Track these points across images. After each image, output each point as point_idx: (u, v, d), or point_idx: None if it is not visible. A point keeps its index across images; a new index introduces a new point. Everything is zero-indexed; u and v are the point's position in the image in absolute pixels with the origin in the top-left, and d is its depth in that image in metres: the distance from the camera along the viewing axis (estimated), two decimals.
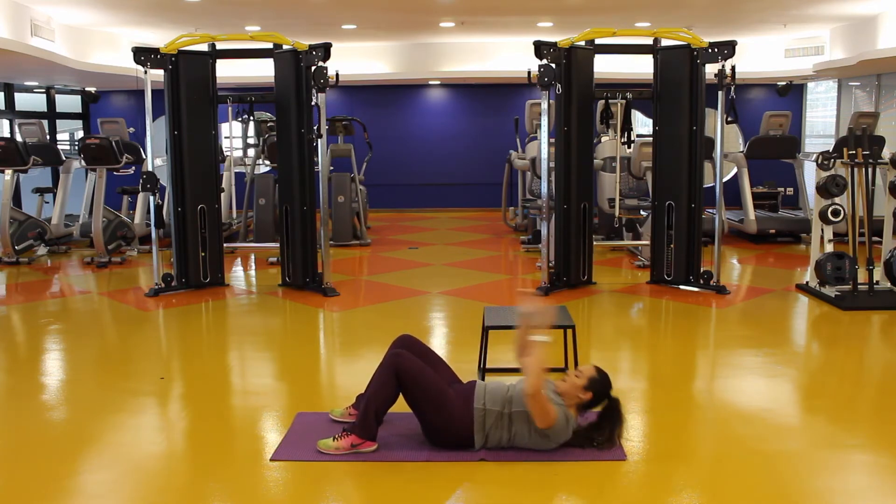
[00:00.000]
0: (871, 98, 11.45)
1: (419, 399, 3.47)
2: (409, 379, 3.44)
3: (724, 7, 9.17)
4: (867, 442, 3.74)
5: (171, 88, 7.02)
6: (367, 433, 3.49)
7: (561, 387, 3.57)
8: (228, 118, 8.71)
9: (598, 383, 3.54)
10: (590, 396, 3.52)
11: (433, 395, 3.45)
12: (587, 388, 3.51)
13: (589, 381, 3.53)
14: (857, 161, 6.64)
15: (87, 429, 3.95)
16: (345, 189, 10.02)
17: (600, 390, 3.54)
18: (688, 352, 5.46)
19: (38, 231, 9.32)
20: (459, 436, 3.48)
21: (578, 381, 3.53)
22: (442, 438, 3.51)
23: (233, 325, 6.26)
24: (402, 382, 3.45)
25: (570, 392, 3.53)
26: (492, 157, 13.38)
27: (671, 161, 7.02)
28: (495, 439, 3.49)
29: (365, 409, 3.50)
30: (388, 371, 3.47)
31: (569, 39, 6.79)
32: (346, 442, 3.47)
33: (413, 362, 3.47)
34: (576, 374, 3.57)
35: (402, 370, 3.44)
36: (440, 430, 3.49)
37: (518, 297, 3.32)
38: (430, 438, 3.54)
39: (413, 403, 3.50)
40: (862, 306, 6.30)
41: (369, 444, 3.49)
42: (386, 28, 11.00)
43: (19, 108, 12.17)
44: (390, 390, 3.47)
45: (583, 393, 3.51)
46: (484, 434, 3.47)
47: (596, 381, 3.54)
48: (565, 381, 3.57)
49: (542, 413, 3.38)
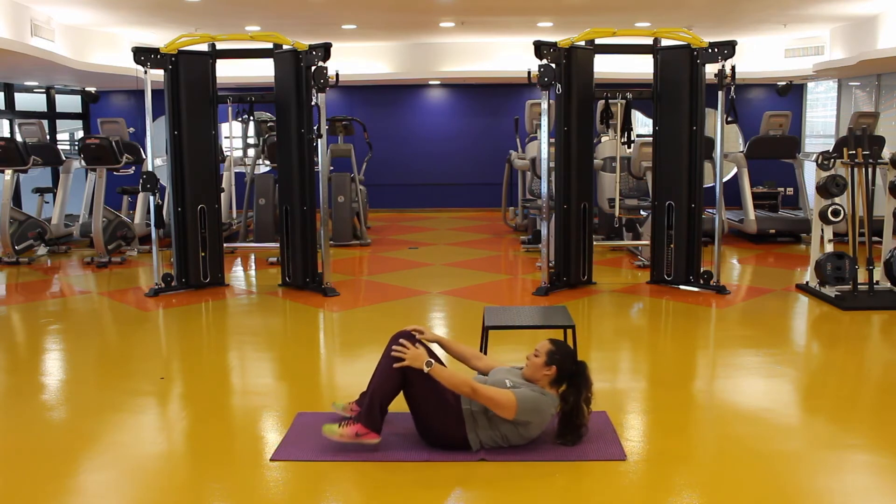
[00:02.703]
0: (871, 98, 11.45)
1: (418, 395, 3.46)
2: (415, 371, 3.42)
3: (724, 7, 9.17)
4: (867, 442, 3.74)
5: (171, 88, 7.02)
6: (373, 424, 3.47)
7: (526, 372, 3.58)
8: (228, 118, 8.71)
9: (556, 355, 3.55)
10: (555, 370, 3.52)
11: (433, 393, 3.43)
12: (548, 363, 3.52)
13: (547, 355, 3.53)
14: (857, 161, 6.64)
15: (87, 429, 3.95)
16: (345, 189, 10.02)
17: (562, 360, 3.54)
18: (688, 352, 5.46)
19: (38, 231, 9.32)
20: (454, 437, 3.47)
21: (538, 360, 3.54)
22: (438, 439, 3.50)
23: (233, 325, 6.26)
24: (407, 374, 3.43)
25: (535, 373, 3.54)
26: (492, 157, 13.37)
27: (671, 161, 7.02)
28: (488, 439, 3.48)
29: (370, 400, 3.49)
30: (393, 361, 3.46)
31: (569, 39, 6.79)
32: (351, 430, 3.46)
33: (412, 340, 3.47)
34: (534, 354, 3.57)
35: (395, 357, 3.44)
36: (435, 430, 3.49)
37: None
38: (427, 439, 3.54)
39: (411, 398, 3.49)
40: (862, 306, 6.30)
41: (373, 435, 3.47)
42: (386, 28, 11.00)
43: (19, 108, 12.17)
44: (395, 381, 3.44)
45: (546, 369, 3.52)
46: (476, 434, 3.47)
47: (554, 353, 3.54)
48: (528, 365, 3.59)
49: (494, 404, 3.38)
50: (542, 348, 3.56)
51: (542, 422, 3.50)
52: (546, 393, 3.52)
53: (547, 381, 3.54)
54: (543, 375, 3.53)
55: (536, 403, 3.45)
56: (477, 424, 3.46)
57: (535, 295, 6.91)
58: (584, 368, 3.57)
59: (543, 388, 3.53)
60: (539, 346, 3.59)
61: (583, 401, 3.53)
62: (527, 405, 3.42)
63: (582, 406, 3.52)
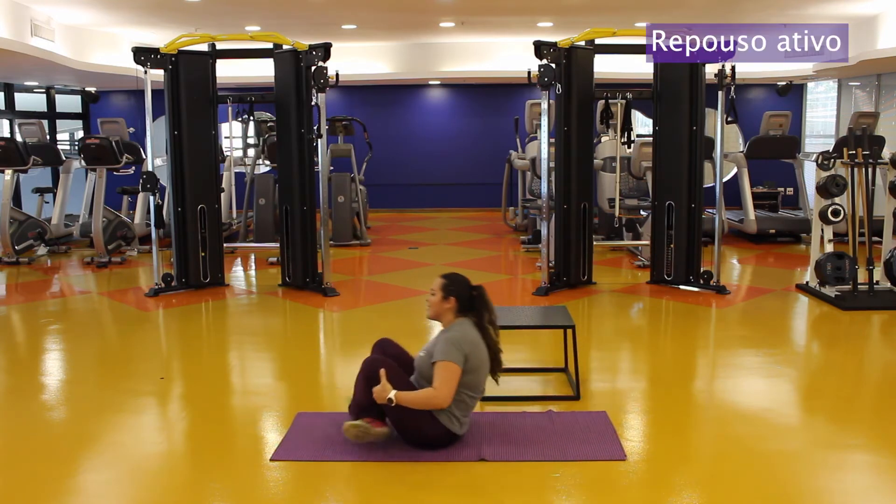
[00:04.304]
0: (871, 98, 11.45)
1: (393, 420, 3.49)
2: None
3: (724, 7, 9.17)
4: (867, 442, 3.74)
5: (171, 88, 7.02)
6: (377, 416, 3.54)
7: (429, 313, 3.65)
8: (228, 118, 8.71)
9: (451, 286, 3.61)
10: (454, 301, 3.59)
11: (402, 413, 3.43)
12: (446, 296, 3.60)
13: (443, 290, 3.60)
14: (857, 161, 6.64)
15: (87, 429, 3.95)
16: (345, 189, 10.02)
17: (457, 290, 3.61)
18: (688, 352, 5.46)
19: (38, 231, 9.32)
20: (439, 436, 3.48)
21: (436, 298, 3.62)
22: (428, 445, 3.50)
23: (233, 325, 6.26)
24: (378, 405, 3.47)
25: (437, 311, 3.62)
26: (492, 157, 13.37)
27: (671, 161, 7.02)
28: (460, 412, 3.51)
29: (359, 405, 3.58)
30: (361, 378, 3.54)
31: (569, 39, 6.80)
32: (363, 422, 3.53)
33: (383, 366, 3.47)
34: (430, 294, 3.64)
35: (371, 376, 3.47)
36: (421, 439, 3.50)
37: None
38: (411, 441, 3.53)
39: (391, 421, 3.52)
40: (862, 306, 6.30)
41: (381, 424, 3.54)
42: (386, 28, 11.00)
43: (19, 108, 12.17)
44: (370, 396, 3.48)
45: (446, 303, 3.60)
46: (451, 418, 3.48)
47: (447, 286, 3.61)
48: (428, 307, 3.65)
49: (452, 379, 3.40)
50: (436, 285, 3.63)
51: (479, 350, 3.52)
52: (454, 323, 3.58)
53: (451, 315, 3.61)
54: (445, 310, 3.61)
55: (459, 336, 3.50)
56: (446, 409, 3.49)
57: (535, 295, 6.91)
58: (481, 292, 3.65)
59: (450, 322, 3.60)
60: (433, 285, 3.66)
61: (487, 323, 3.60)
62: (455, 344, 3.46)
63: (488, 328, 3.59)
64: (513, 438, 3.66)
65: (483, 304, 3.62)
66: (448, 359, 3.43)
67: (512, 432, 3.73)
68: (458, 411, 3.52)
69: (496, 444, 3.59)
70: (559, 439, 3.64)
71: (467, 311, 3.61)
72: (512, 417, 3.93)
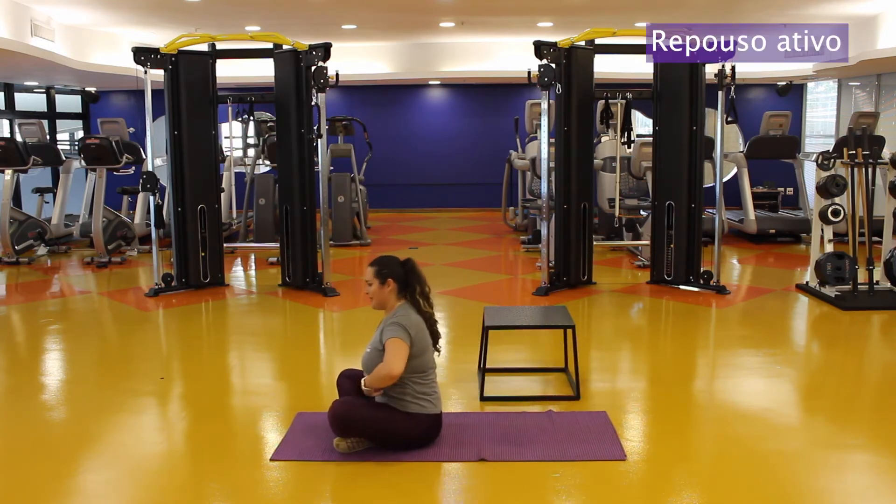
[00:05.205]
0: (871, 98, 11.45)
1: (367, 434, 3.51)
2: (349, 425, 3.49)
3: (724, 7, 9.17)
4: (867, 442, 3.74)
5: (171, 88, 7.02)
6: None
7: (374, 304, 3.64)
8: (228, 118, 8.71)
9: (384, 269, 3.61)
10: (392, 283, 3.59)
11: (371, 423, 3.48)
12: (382, 281, 3.59)
13: (377, 277, 3.59)
14: (857, 161, 6.64)
15: (87, 429, 3.95)
16: (345, 189, 10.02)
17: (391, 270, 3.61)
18: (688, 352, 5.46)
19: (38, 231, 9.32)
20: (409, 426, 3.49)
21: (373, 288, 3.61)
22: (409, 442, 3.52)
23: (233, 325, 6.26)
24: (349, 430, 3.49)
25: (381, 300, 3.62)
26: (492, 157, 13.37)
27: (671, 161, 7.02)
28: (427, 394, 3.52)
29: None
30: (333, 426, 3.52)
31: (569, 39, 6.79)
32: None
33: (345, 408, 3.49)
34: (367, 285, 3.63)
35: (339, 420, 3.48)
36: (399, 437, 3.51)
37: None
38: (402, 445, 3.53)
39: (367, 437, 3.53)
40: (862, 306, 6.30)
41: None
42: (386, 28, 11.00)
43: (19, 108, 12.16)
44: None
45: (386, 288, 3.59)
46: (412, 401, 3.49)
47: (380, 271, 3.60)
48: (371, 298, 3.64)
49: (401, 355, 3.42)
50: (369, 274, 3.62)
51: (423, 334, 3.54)
52: (396, 308, 3.58)
53: (394, 297, 3.61)
54: (387, 295, 3.60)
55: (403, 319, 3.51)
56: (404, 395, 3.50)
57: (535, 295, 6.91)
58: (411, 265, 3.65)
59: (394, 307, 3.60)
60: (365, 276, 3.66)
61: (419, 295, 3.60)
62: (401, 326, 3.48)
63: (419, 301, 3.59)
64: (513, 438, 3.66)
65: (415, 277, 3.62)
66: (396, 336, 3.46)
67: (512, 432, 3.73)
68: (421, 390, 3.53)
69: (496, 444, 3.59)
70: (559, 439, 3.64)
71: (406, 289, 3.61)
72: (512, 417, 3.93)
